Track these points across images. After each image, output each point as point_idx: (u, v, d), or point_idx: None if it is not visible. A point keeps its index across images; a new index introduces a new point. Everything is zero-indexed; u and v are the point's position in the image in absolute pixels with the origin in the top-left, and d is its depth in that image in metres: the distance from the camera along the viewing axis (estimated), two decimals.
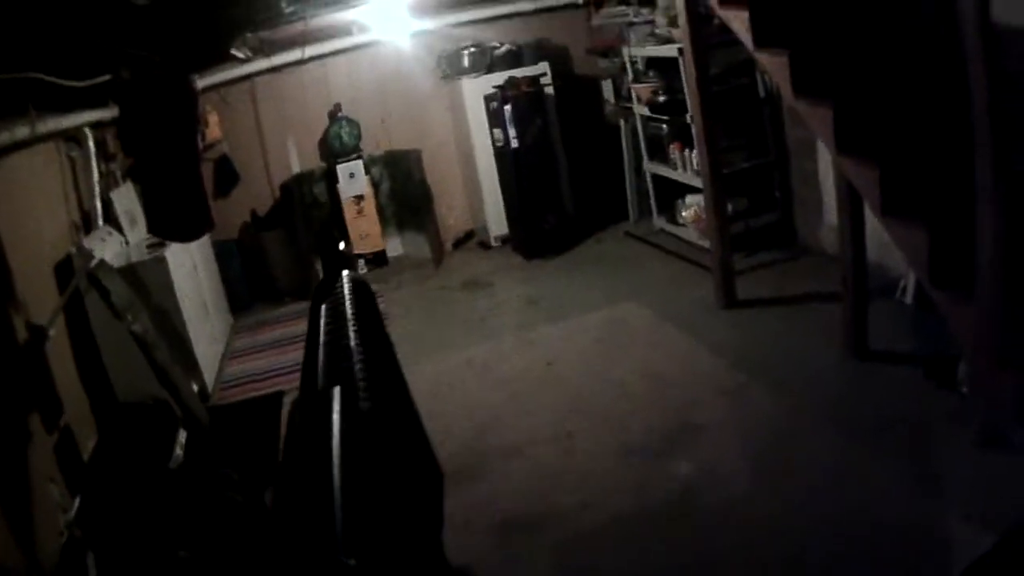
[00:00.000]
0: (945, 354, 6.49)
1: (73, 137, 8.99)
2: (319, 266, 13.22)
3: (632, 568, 5.51)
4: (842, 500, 5.63)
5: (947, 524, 5.14)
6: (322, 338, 4.13)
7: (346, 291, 4.70)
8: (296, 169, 13.88)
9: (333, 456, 2.74)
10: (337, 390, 3.17)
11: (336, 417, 2.99)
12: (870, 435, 6.30)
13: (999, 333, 4.27)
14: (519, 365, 9.10)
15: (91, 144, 9.19)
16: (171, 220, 7.25)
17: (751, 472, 6.35)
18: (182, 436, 7.83)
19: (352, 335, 3.97)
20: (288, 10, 9.44)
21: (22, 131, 6.89)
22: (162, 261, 9.22)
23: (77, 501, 6.96)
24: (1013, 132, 3.97)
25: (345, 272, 5.07)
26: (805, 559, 5.17)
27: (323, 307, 4.55)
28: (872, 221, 5.96)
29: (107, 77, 7.55)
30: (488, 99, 12.67)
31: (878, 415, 6.53)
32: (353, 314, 4.30)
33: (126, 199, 9.97)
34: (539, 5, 14.03)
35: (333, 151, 13.58)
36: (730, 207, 10.08)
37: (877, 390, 6.93)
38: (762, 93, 10.75)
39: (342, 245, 6.03)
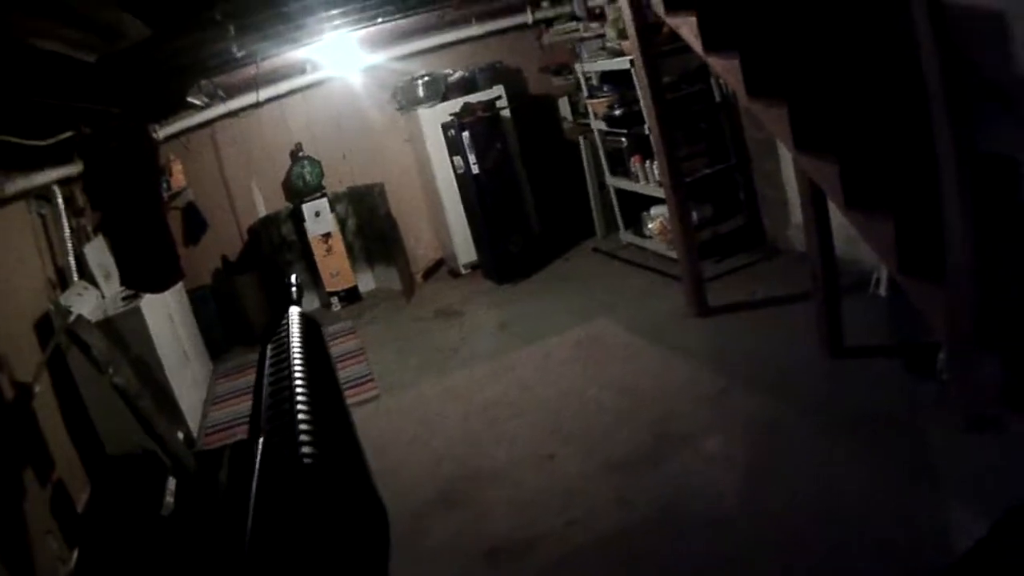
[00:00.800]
0: (924, 343, 6.49)
1: (42, 195, 8.98)
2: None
3: None
4: (833, 500, 5.64)
5: (941, 512, 5.15)
6: (266, 380, 4.13)
7: (292, 329, 4.68)
8: (262, 212, 13.89)
9: (249, 507, 2.74)
10: (261, 440, 3.17)
11: (257, 466, 2.99)
12: (855, 431, 6.32)
13: (973, 317, 4.26)
14: (496, 391, 9.10)
15: (60, 200, 9.21)
16: (142, 271, 7.30)
17: (737, 479, 6.34)
18: (171, 484, 7.82)
19: (297, 375, 3.96)
20: (239, 54, 9.42)
21: None
22: (138, 313, 9.24)
23: (76, 553, 6.98)
24: (972, 113, 3.98)
25: (292, 309, 5.06)
26: (800, 564, 5.16)
27: (268, 348, 4.54)
28: (838, 216, 5.97)
29: (70, 133, 7.56)
30: (446, 127, 12.69)
31: (860, 411, 6.55)
32: (298, 354, 4.29)
33: (99, 253, 9.98)
34: (488, 28, 14.02)
35: (297, 191, 13.60)
36: (695, 215, 10.13)
37: (857, 385, 6.95)
38: (718, 98, 10.82)
39: (293, 278, 6.04)
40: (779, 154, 9.61)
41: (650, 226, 11.66)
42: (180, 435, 8.85)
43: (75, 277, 9.44)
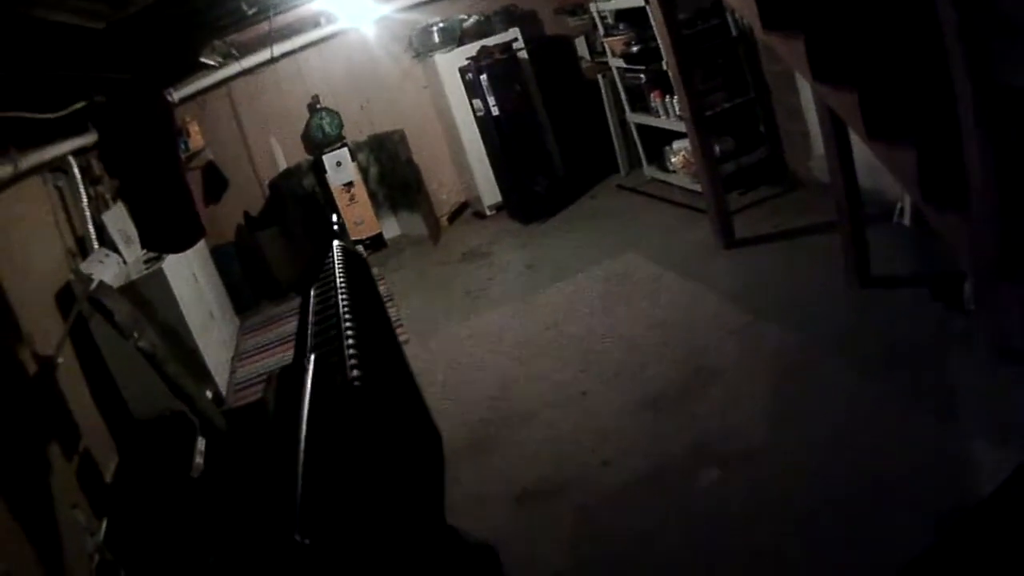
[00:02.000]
0: (950, 273, 6.44)
1: (58, 167, 8.96)
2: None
3: (657, 525, 5.50)
4: (862, 433, 5.62)
5: (970, 445, 5.12)
6: (312, 309, 4.10)
7: (335, 262, 4.66)
8: (283, 165, 13.87)
9: (301, 430, 2.70)
10: (312, 357, 3.13)
11: (308, 386, 2.95)
12: (883, 362, 6.28)
13: (998, 245, 4.23)
14: (525, 330, 9.12)
15: (76, 171, 9.18)
16: (162, 233, 7.28)
17: (768, 414, 6.31)
18: (201, 444, 7.82)
19: (341, 304, 3.93)
20: (250, 12, 9.36)
21: (5, 170, 6.90)
22: (160, 274, 9.23)
23: (104, 523, 6.97)
24: (989, 45, 3.94)
25: (335, 243, 5.03)
26: (831, 502, 5.13)
27: (313, 283, 4.53)
28: (860, 147, 5.92)
29: (83, 103, 7.53)
30: (463, 71, 12.67)
31: (888, 341, 6.51)
32: (343, 283, 4.26)
33: (118, 219, 9.94)
34: None
35: (317, 142, 13.59)
36: (717, 148, 10.10)
37: (884, 316, 6.91)
38: (734, 32, 10.71)
39: (334, 217, 6.01)
40: (798, 86, 9.52)
41: (673, 160, 11.63)
42: (209, 394, 8.84)
43: (95, 245, 9.44)
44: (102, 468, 7.69)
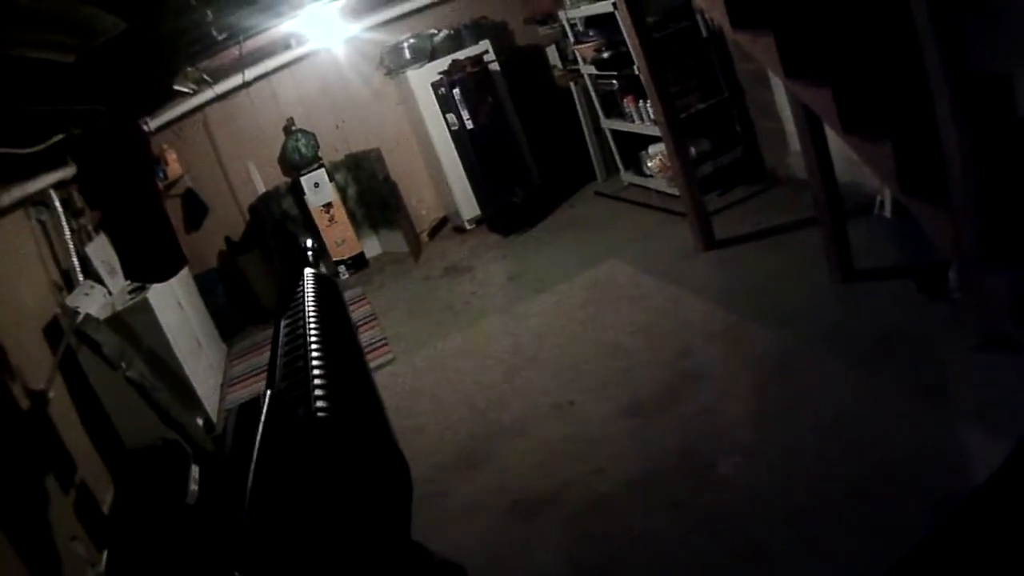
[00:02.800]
0: (933, 263, 6.45)
1: (40, 201, 8.94)
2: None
3: (652, 530, 5.52)
4: (853, 429, 5.64)
5: (960, 437, 5.14)
6: (281, 340, 4.10)
7: (306, 290, 4.65)
8: (261, 189, 13.86)
9: (251, 465, 2.68)
10: (268, 393, 3.12)
11: (262, 422, 2.94)
12: (870, 356, 6.30)
13: (977, 235, 4.24)
14: (511, 342, 9.14)
15: (58, 204, 9.16)
16: (144, 262, 7.30)
17: (758, 413, 6.35)
18: (195, 471, 7.83)
19: (309, 335, 3.93)
20: (220, 37, 9.38)
21: None
22: (146, 304, 9.23)
23: (104, 554, 6.97)
24: (960, 30, 3.94)
25: (307, 271, 5.02)
26: (825, 498, 5.14)
27: (283, 317, 4.51)
28: (837, 141, 5.93)
29: (61, 136, 7.53)
30: (436, 86, 12.67)
31: (875, 333, 6.53)
32: (313, 314, 4.26)
33: (102, 251, 9.93)
34: None
35: (294, 164, 13.59)
36: (693, 150, 10.14)
37: (869, 308, 6.94)
38: (704, 33, 10.74)
39: (309, 242, 6.02)
40: (771, 84, 9.55)
41: (650, 164, 11.63)
42: (199, 421, 8.85)
43: (80, 277, 9.42)
44: (99, 499, 7.68)
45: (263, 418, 2.95)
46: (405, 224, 14.06)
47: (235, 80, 12.98)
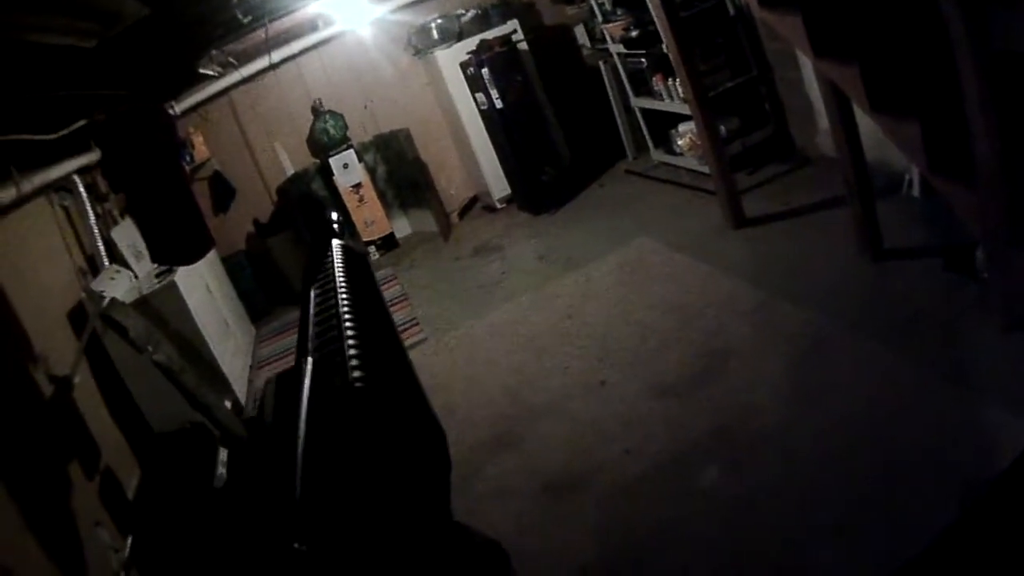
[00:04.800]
0: (961, 242, 6.40)
1: (63, 186, 8.94)
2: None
3: (682, 512, 5.49)
4: (882, 409, 5.59)
5: (990, 413, 5.10)
6: (312, 310, 4.08)
7: (335, 261, 4.64)
8: (289, 171, 13.90)
9: (299, 430, 2.67)
10: (310, 360, 3.11)
11: (306, 389, 2.92)
12: (899, 335, 6.25)
13: (1007, 212, 4.21)
14: (542, 322, 9.13)
15: (82, 190, 9.13)
16: (171, 246, 7.27)
17: (787, 393, 6.30)
18: (223, 454, 7.82)
19: (341, 304, 3.90)
20: (245, 20, 9.35)
21: (8, 193, 6.90)
22: (173, 287, 9.23)
23: (129, 540, 6.97)
24: (986, 11, 3.91)
25: (335, 241, 5.00)
26: (854, 481, 5.11)
27: (312, 287, 4.50)
28: (865, 120, 5.90)
29: (83, 122, 7.52)
30: (464, 66, 12.67)
31: (903, 313, 6.49)
32: (343, 283, 4.24)
33: (128, 235, 9.93)
34: None
35: (323, 145, 13.61)
36: (723, 128, 10.08)
37: (898, 288, 6.89)
38: (732, 11, 10.68)
39: (334, 215, 6.00)
40: (800, 62, 9.49)
41: (679, 143, 11.60)
42: (228, 404, 8.84)
43: (106, 262, 9.42)
44: (124, 484, 7.68)
45: (306, 386, 2.93)
46: (435, 204, 14.09)
47: (261, 62, 12.97)
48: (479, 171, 13.84)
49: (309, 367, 3.04)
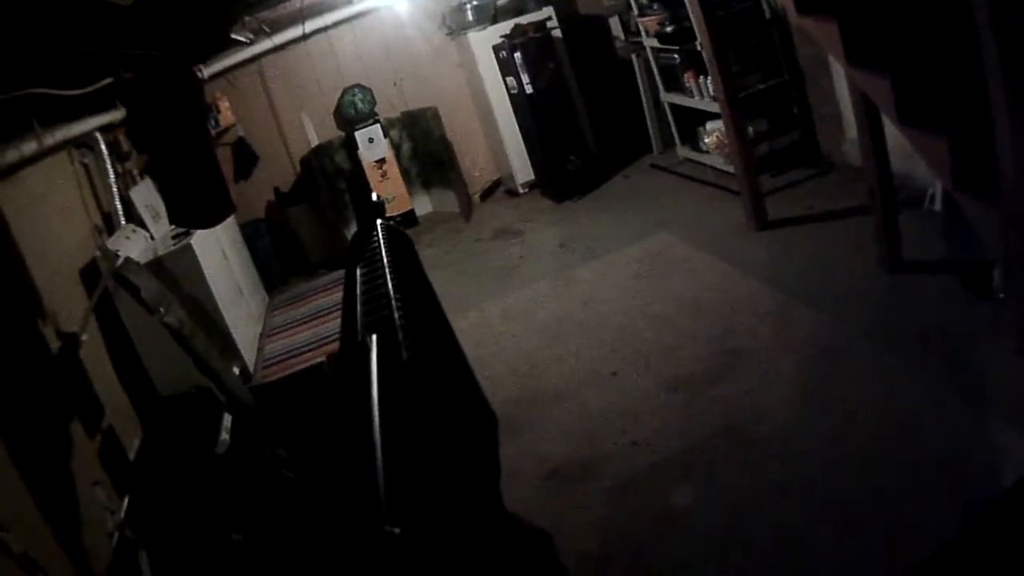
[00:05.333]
0: (979, 261, 6.39)
1: (84, 143, 8.97)
2: (348, 232, 13.18)
3: (686, 506, 5.51)
4: (889, 421, 5.60)
5: (997, 432, 5.10)
6: (360, 288, 4.06)
7: (381, 240, 4.63)
8: (314, 142, 13.92)
9: (373, 412, 2.66)
10: (374, 338, 3.10)
11: (374, 367, 2.91)
12: (912, 348, 6.26)
13: None
14: (557, 309, 9.14)
15: (103, 147, 9.18)
16: (191, 208, 7.28)
17: (797, 397, 6.31)
18: (227, 420, 7.84)
19: (390, 283, 3.89)
20: None
21: (29, 147, 6.90)
22: (189, 250, 9.24)
23: (126, 501, 6.97)
24: (1022, 27, 3.90)
25: (379, 221, 5.01)
26: (859, 490, 5.12)
27: (359, 261, 4.49)
28: (893, 132, 5.90)
29: (110, 80, 7.52)
30: (497, 49, 12.70)
31: (918, 327, 6.48)
32: (389, 262, 4.23)
33: (146, 195, 9.98)
34: None
35: (349, 119, 13.65)
36: (751, 129, 10.06)
37: (915, 301, 6.88)
38: (768, 14, 10.66)
39: (374, 196, 6.04)
40: (832, 70, 9.48)
41: (706, 141, 11.60)
42: (236, 370, 8.87)
43: (122, 221, 9.43)
44: (126, 445, 7.69)
45: (374, 364, 2.92)
46: (458, 184, 14.11)
47: (294, 32, 12.93)
48: (504, 155, 13.87)
49: (375, 345, 3.03)
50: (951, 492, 4.74)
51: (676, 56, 11.61)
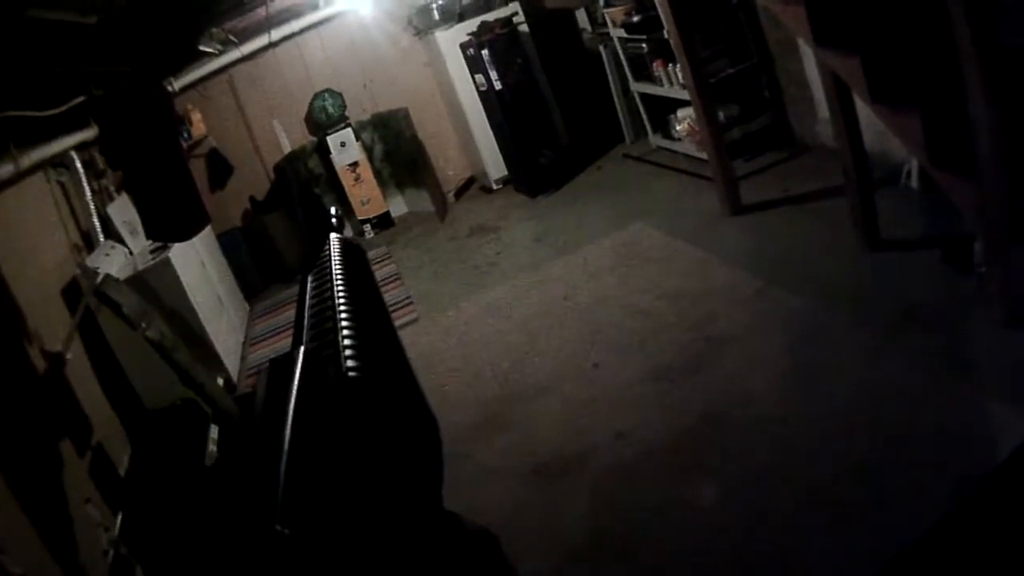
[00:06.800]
0: (959, 235, 6.38)
1: (60, 162, 8.95)
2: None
3: (673, 496, 5.51)
4: (876, 400, 5.58)
5: (985, 407, 5.10)
6: (308, 302, 4.08)
7: (333, 253, 4.64)
8: (287, 148, 13.96)
9: (287, 420, 2.67)
10: (302, 352, 3.11)
11: (296, 381, 2.92)
12: (894, 326, 6.24)
13: (1005, 211, 4.21)
14: (536, 303, 9.15)
15: (79, 165, 9.19)
16: (167, 222, 7.29)
17: (780, 381, 6.30)
18: (214, 432, 7.83)
19: (338, 296, 3.91)
20: None
21: (6, 169, 6.94)
22: (167, 264, 9.25)
23: (119, 517, 6.95)
24: (991, 6, 3.91)
25: (332, 235, 5.02)
26: (849, 471, 5.10)
27: (309, 278, 4.50)
28: (865, 110, 5.90)
29: (82, 98, 7.51)
30: (464, 47, 12.68)
31: (900, 305, 6.46)
32: (339, 275, 4.24)
33: (123, 211, 9.95)
34: None
35: (320, 124, 13.67)
36: (722, 115, 10.09)
37: (895, 280, 6.87)
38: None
39: (333, 210, 6.02)
40: (801, 52, 9.48)
41: (678, 128, 11.61)
42: (220, 381, 8.87)
43: (101, 238, 9.45)
44: (115, 461, 7.67)
45: (297, 375, 2.94)
46: (432, 184, 14.12)
47: (261, 40, 13.00)
48: (477, 152, 13.89)
49: (301, 357, 3.04)
50: (943, 468, 4.74)
51: (644, 45, 11.61)
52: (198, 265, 10.50)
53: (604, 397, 6.90)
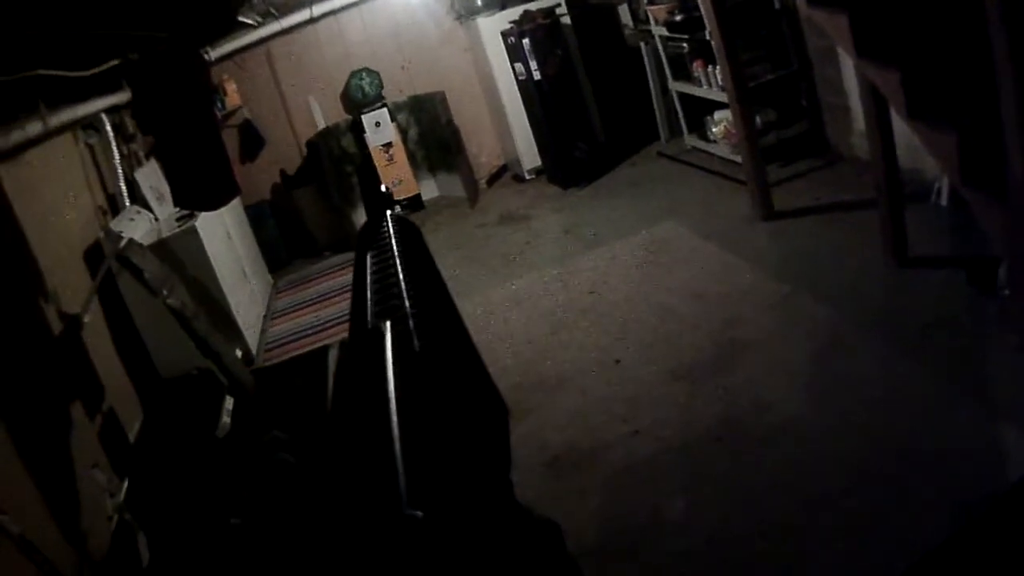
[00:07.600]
0: (985, 257, 6.37)
1: (90, 124, 8.96)
2: (354, 215, 13.16)
3: (686, 497, 5.51)
4: (892, 414, 5.59)
5: (1000, 429, 5.09)
6: (369, 279, 4.05)
7: (391, 230, 4.63)
8: (321, 125, 13.92)
9: (390, 398, 2.65)
10: (388, 324, 3.08)
11: (389, 354, 2.89)
12: (916, 343, 6.24)
13: None
14: (561, 296, 9.14)
15: (108, 129, 9.17)
16: (196, 190, 7.27)
17: (800, 389, 6.29)
18: (228, 403, 7.84)
19: (400, 273, 3.88)
20: None
21: (35, 128, 6.91)
22: (193, 232, 9.23)
23: (125, 483, 6.95)
24: None
25: (388, 212, 5.01)
26: (858, 484, 5.10)
27: (368, 249, 4.48)
28: (902, 126, 5.88)
29: (116, 62, 7.51)
30: (505, 35, 12.66)
31: (922, 322, 6.45)
32: (399, 252, 4.22)
33: (151, 177, 9.98)
34: None
35: (356, 102, 13.65)
36: (759, 119, 10.05)
37: (919, 296, 6.85)
38: (777, 5, 10.62)
39: (383, 187, 6.02)
40: (840, 61, 9.45)
41: (714, 130, 11.57)
42: (238, 353, 8.86)
43: (127, 202, 9.46)
44: (126, 427, 7.69)
45: (389, 350, 2.91)
46: (464, 169, 14.10)
47: (302, 15, 13.05)
48: (511, 140, 13.85)
49: (389, 331, 3.01)
50: (952, 488, 4.74)
51: (685, 45, 11.58)
52: (224, 236, 10.50)
53: (623, 393, 6.90)
